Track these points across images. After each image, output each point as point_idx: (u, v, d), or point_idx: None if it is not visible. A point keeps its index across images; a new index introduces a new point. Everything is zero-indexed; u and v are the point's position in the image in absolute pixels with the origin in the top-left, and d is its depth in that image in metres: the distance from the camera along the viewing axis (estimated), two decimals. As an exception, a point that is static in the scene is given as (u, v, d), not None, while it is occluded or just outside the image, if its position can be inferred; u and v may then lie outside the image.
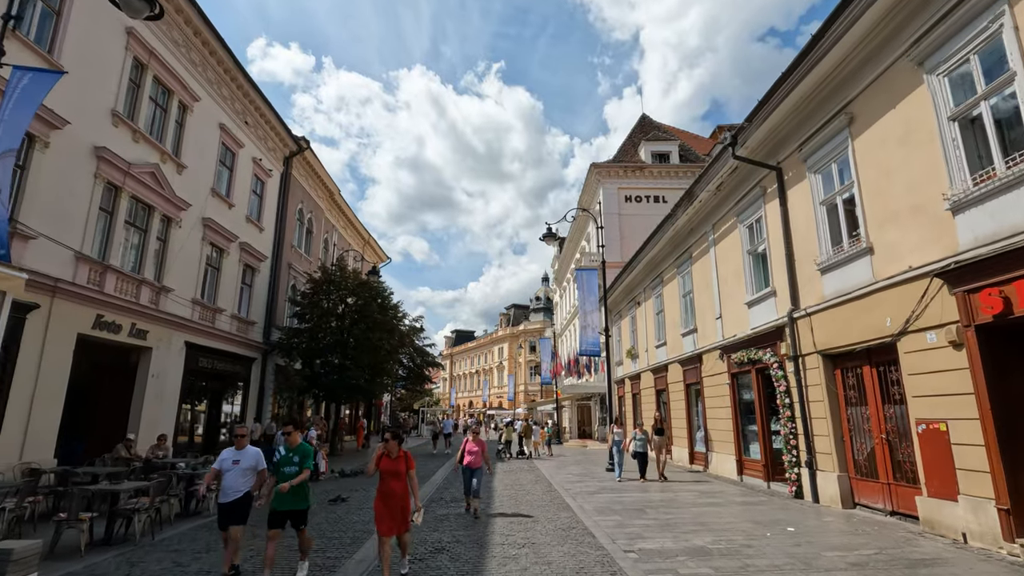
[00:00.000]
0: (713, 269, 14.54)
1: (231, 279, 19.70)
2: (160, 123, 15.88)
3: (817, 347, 9.71)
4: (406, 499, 5.69)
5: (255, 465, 6.07)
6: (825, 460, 9.53)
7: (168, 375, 15.92)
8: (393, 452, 5.75)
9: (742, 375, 12.95)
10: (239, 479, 5.95)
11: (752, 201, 12.34)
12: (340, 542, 7.48)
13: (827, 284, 9.57)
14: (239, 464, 5.99)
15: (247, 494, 5.98)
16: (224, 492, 5.94)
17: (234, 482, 5.93)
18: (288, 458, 5.92)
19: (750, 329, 12.31)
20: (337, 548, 7.14)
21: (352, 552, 6.94)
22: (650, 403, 20.80)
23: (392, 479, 5.65)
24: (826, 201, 9.78)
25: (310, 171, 27.13)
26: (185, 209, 16.60)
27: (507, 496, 11.43)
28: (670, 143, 31.62)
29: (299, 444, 6.05)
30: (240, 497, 5.93)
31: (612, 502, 10.37)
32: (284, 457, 5.94)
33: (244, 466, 5.99)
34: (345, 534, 7.98)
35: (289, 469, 5.85)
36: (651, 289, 20.74)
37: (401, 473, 5.68)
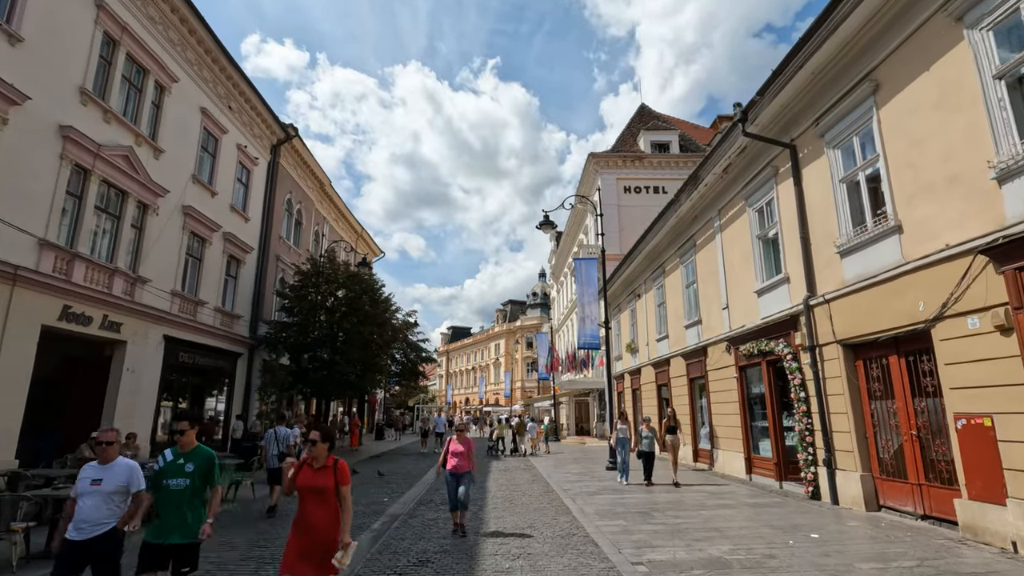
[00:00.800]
0: (719, 257, 13.80)
1: (214, 271, 18.87)
2: (135, 104, 15.01)
3: (837, 336, 8.97)
4: (332, 531, 3.86)
5: (127, 485, 4.23)
6: (846, 458, 8.80)
7: (145, 370, 15.10)
8: (319, 459, 3.95)
9: (751, 368, 12.22)
10: (102, 507, 4.10)
11: (762, 183, 11.58)
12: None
13: (848, 268, 8.82)
14: (101, 485, 4.13)
15: (113, 529, 4.14)
16: (76, 525, 4.05)
17: (94, 511, 4.08)
18: (176, 466, 4.12)
19: (760, 319, 11.57)
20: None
21: None
22: (651, 399, 20.07)
23: (313, 501, 3.87)
24: (846, 178, 9.03)
25: (299, 160, 26.26)
26: (163, 196, 15.75)
27: (501, 497, 10.68)
28: (670, 132, 30.85)
29: (195, 448, 4.27)
30: (102, 534, 4.07)
31: (614, 504, 9.63)
32: (169, 465, 4.13)
33: (109, 488, 4.14)
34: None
35: (176, 483, 4.06)
36: (652, 280, 20.00)
37: (327, 492, 3.87)
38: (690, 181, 14.40)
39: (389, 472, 15.39)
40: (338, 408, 31.11)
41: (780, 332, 10.74)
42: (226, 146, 19.62)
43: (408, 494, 11.20)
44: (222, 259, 19.37)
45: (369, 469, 15.93)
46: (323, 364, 19.77)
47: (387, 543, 7.11)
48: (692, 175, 14.14)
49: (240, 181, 20.95)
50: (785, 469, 10.85)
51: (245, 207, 21.17)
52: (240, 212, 20.62)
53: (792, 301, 10.40)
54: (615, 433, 12.80)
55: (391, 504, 10.04)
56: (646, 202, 28.19)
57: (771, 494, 10.31)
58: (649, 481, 11.76)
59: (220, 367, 19.23)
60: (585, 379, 30.32)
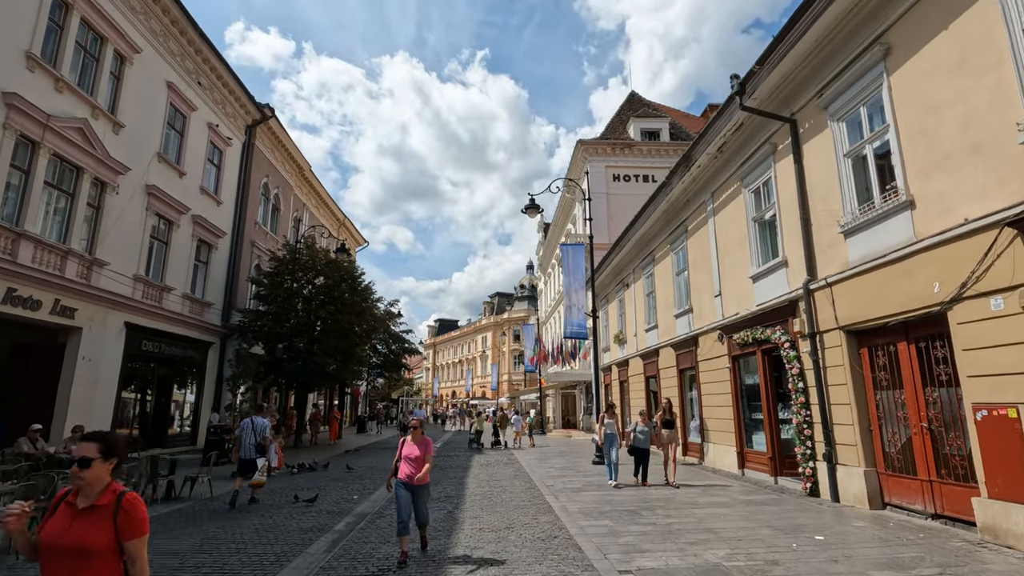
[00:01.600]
0: (712, 242, 13.16)
1: (182, 255, 17.91)
2: (91, 74, 14.02)
3: (839, 322, 8.35)
4: None
5: None
6: (848, 453, 8.21)
7: (103, 359, 14.19)
8: (88, 491, 2.22)
9: (745, 357, 11.62)
10: None
11: (759, 161, 10.93)
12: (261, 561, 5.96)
13: (853, 249, 8.20)
14: None
15: None
16: None
17: None
18: None
19: (755, 306, 10.96)
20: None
21: (273, 574, 5.42)
22: (639, 391, 19.50)
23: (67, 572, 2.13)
24: (852, 152, 8.39)
25: (276, 143, 25.24)
26: (123, 173, 14.79)
27: (480, 494, 9.99)
28: (660, 120, 30.21)
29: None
30: None
31: (600, 502, 8.98)
32: None
33: None
34: (270, 548, 6.46)
35: None
36: (641, 269, 19.36)
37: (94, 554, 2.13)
38: (682, 163, 13.73)
39: (364, 467, 14.64)
40: (318, 400, 30.25)
41: (777, 319, 10.13)
42: (195, 124, 18.61)
43: (380, 491, 10.46)
44: (191, 243, 18.41)
45: (342, 463, 15.16)
46: (298, 354, 18.90)
47: (348, 547, 6.39)
48: (685, 156, 13.47)
49: (211, 162, 19.96)
50: (781, 464, 10.27)
51: (217, 190, 20.18)
52: (211, 195, 19.64)
53: (791, 286, 9.79)
54: (602, 428, 11.39)
55: (360, 502, 9.31)
56: (635, 191, 27.52)
57: (766, 490, 9.72)
58: (643, 481, 10.57)
59: (189, 357, 18.31)
60: (572, 371, 29.73)
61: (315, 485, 11.23)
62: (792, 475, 9.88)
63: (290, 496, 9.67)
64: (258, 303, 20.95)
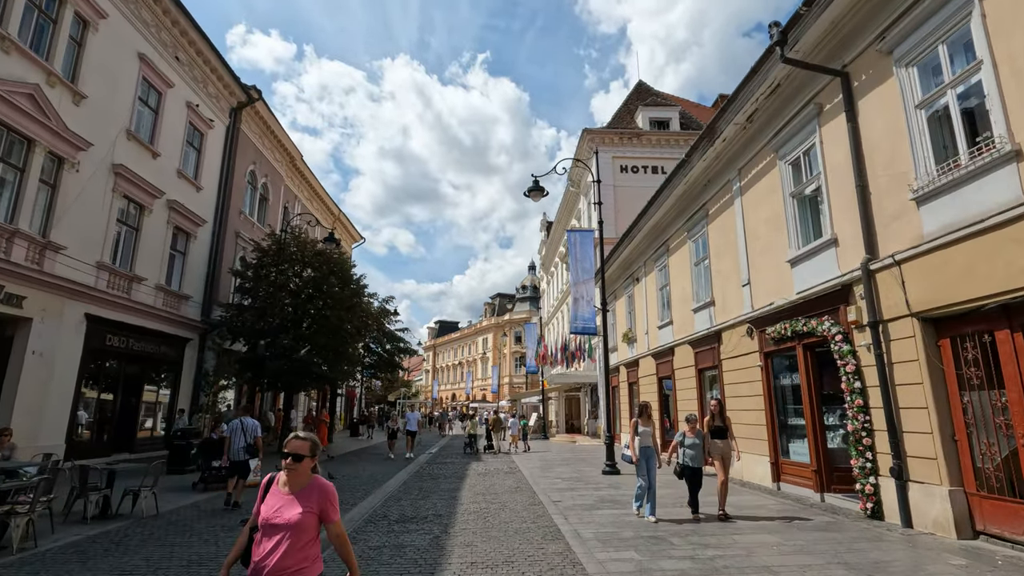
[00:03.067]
0: (739, 225, 11.69)
1: (156, 243, 16.47)
2: (47, 36, 12.61)
3: (912, 308, 6.87)
4: None
5: None
6: (924, 468, 6.71)
7: (59, 354, 12.74)
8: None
9: (781, 354, 10.13)
10: None
11: (800, 127, 9.46)
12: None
13: (929, 218, 6.73)
14: None
15: None
16: None
17: None
18: None
19: (795, 294, 9.47)
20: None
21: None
22: (650, 393, 17.99)
23: None
24: (927, 102, 6.92)
25: (265, 130, 23.83)
26: (85, 149, 13.38)
27: (475, 512, 8.50)
28: (670, 109, 28.77)
29: None
30: None
31: (619, 524, 7.49)
32: None
33: None
34: None
35: None
36: (653, 261, 17.89)
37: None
38: (704, 137, 12.27)
39: (347, 476, 13.15)
40: (310, 403, 28.77)
41: (824, 308, 8.65)
42: (172, 102, 17.20)
43: (359, 507, 8.98)
44: (166, 230, 16.98)
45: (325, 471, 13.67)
46: (282, 352, 17.42)
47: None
48: (708, 128, 12.01)
49: (191, 144, 18.55)
50: (827, 478, 8.77)
51: (197, 175, 18.75)
52: (190, 179, 18.21)
53: (842, 268, 8.31)
54: (635, 438, 8.04)
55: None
56: (644, 182, 26.11)
57: (814, 510, 8.22)
58: (695, 512, 7.87)
59: (163, 354, 16.85)
60: (575, 373, 28.21)
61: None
62: (844, 492, 8.39)
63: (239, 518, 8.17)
64: (241, 297, 19.50)
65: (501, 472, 13.93)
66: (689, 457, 7.88)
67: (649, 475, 7.86)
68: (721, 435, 8.28)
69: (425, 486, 11.41)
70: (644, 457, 7.97)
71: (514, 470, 14.33)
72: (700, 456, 7.90)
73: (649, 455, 7.98)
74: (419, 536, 6.89)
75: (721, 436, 8.27)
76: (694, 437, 7.94)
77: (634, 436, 8.08)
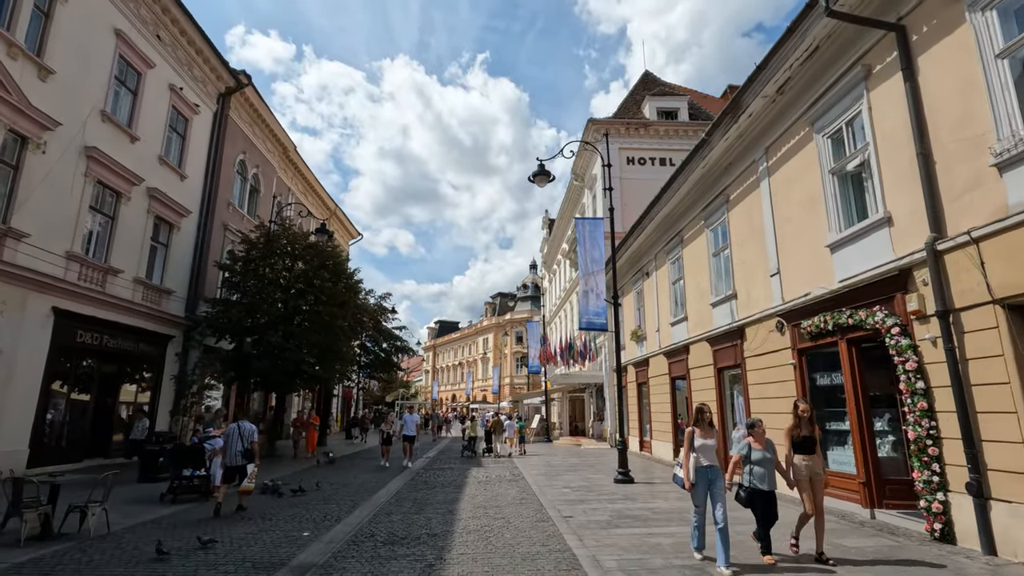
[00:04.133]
0: (766, 209, 10.62)
1: (134, 233, 15.41)
2: (8, 4, 11.57)
3: (995, 294, 5.79)
4: None
5: None
6: (1012, 484, 5.63)
7: (21, 351, 11.68)
8: None
9: (818, 351, 9.04)
10: None
11: (842, 94, 8.39)
12: None
13: (1016, 186, 5.65)
14: None
15: None
16: None
17: None
18: None
19: (838, 282, 8.39)
20: None
21: None
22: (662, 395, 16.93)
23: None
24: (1010, 51, 5.85)
25: (256, 118, 22.77)
26: (52, 129, 12.33)
27: (475, 530, 7.42)
28: (678, 99, 27.72)
29: None
30: None
31: (644, 547, 6.41)
32: None
33: None
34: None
35: None
36: (665, 254, 16.82)
37: None
38: (728, 113, 11.18)
39: (336, 484, 12.07)
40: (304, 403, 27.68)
41: (875, 297, 7.57)
42: (153, 84, 16.14)
43: (344, 523, 7.91)
44: (146, 220, 15.91)
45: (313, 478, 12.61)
46: (270, 350, 16.32)
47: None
48: (731, 103, 10.92)
49: (174, 130, 17.50)
50: (878, 492, 7.69)
51: (181, 163, 17.71)
52: (173, 167, 17.16)
53: (897, 251, 7.23)
54: (690, 457, 6.00)
55: (309, 544, 6.73)
56: (651, 175, 25.09)
57: (866, 529, 7.14)
58: (767, 552, 5.86)
59: (142, 352, 15.78)
60: (580, 373, 27.14)
61: (260, 512, 8.67)
62: (900, 508, 7.31)
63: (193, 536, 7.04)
64: (229, 291, 18.42)
65: (504, 480, 12.84)
66: (758, 477, 5.84)
67: (715, 506, 5.70)
68: (808, 448, 6.07)
69: (420, 497, 10.33)
70: (704, 480, 5.88)
71: (517, 477, 13.25)
72: (772, 474, 5.92)
73: (713, 478, 5.90)
74: (408, 564, 5.81)
75: (808, 450, 6.07)
76: (763, 450, 5.94)
77: (689, 453, 6.02)
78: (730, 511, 5.83)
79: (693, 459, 5.97)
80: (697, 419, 6.15)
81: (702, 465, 5.92)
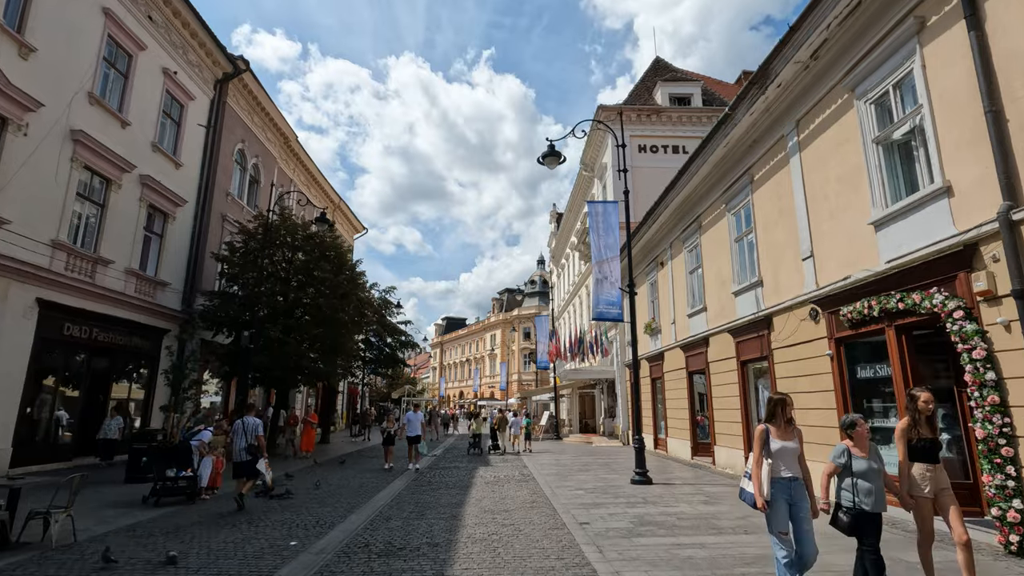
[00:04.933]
0: (797, 187, 9.76)
1: (126, 222, 14.78)
2: (-16, -24, 10.93)
3: (1088, 268, 4.95)
4: None
5: None
6: (1111, 491, 4.79)
7: (2, 344, 11.07)
8: None
9: (861, 340, 8.20)
10: None
11: (890, 53, 7.52)
12: None
13: (1116, 141, 4.79)
14: None
15: None
16: None
17: None
18: None
19: (884, 263, 7.54)
20: None
21: None
22: (679, 390, 16.10)
23: None
24: (1107, -18, 4.99)
25: (255, 107, 22.08)
26: (35, 110, 11.70)
27: (481, 539, 6.66)
28: (691, 84, 26.77)
29: None
30: None
31: (674, 559, 5.63)
32: None
33: None
34: None
35: None
36: (682, 242, 15.98)
37: None
38: (755, 83, 10.31)
39: (334, 485, 11.35)
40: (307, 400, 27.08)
41: (932, 278, 6.73)
42: (145, 67, 15.47)
43: (338, 529, 7.18)
44: (138, 209, 15.27)
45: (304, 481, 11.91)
46: (268, 344, 15.64)
47: None
48: (758, 73, 10.04)
49: (169, 116, 16.85)
50: (934, 496, 6.84)
51: (176, 150, 17.06)
52: (167, 154, 16.51)
53: (959, 224, 6.38)
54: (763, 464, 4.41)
55: (296, 555, 5.99)
56: (664, 162, 24.18)
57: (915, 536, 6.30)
58: None
59: (136, 346, 15.16)
60: (590, 368, 26.33)
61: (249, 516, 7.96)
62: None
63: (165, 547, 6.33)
64: (227, 284, 17.77)
65: (512, 480, 12.08)
66: (863, 494, 4.26)
67: (800, 535, 4.25)
68: (931, 455, 4.56)
69: (423, 499, 9.60)
70: (784, 498, 4.29)
71: (527, 477, 12.49)
72: (882, 490, 4.33)
73: (797, 496, 4.33)
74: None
75: (931, 457, 4.56)
76: (867, 458, 4.35)
77: (761, 459, 4.39)
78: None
79: (767, 468, 4.34)
80: (772, 413, 4.55)
81: (781, 477, 4.33)
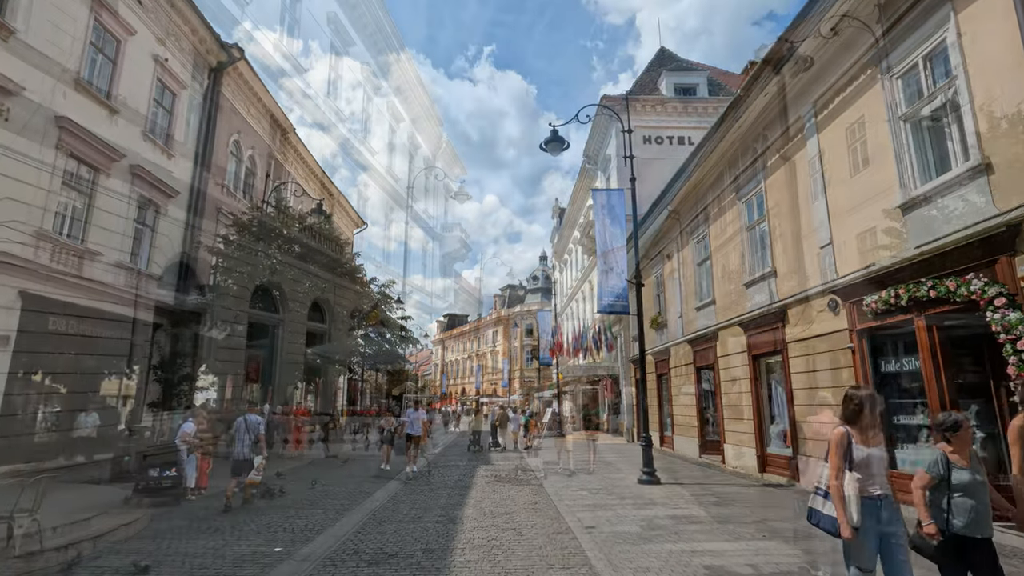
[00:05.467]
0: (816, 171, 9.24)
1: (115, 213, 14.27)
2: (-41, -49, 10.44)
3: None
4: None
5: None
6: None
7: (-18, 339, 10.59)
8: None
9: (886, 331, 7.69)
10: None
11: (921, 21, 6.99)
12: None
13: None
14: None
15: None
16: None
17: None
18: None
19: (914, 248, 7.02)
20: None
21: None
22: (686, 387, 15.60)
23: None
24: None
25: (252, 98, 21.54)
26: (15, 94, 11.16)
27: (479, 545, 6.18)
28: (697, 74, 26.19)
29: None
30: None
31: (688, 566, 5.14)
32: None
33: None
34: None
35: None
36: (688, 233, 15.46)
37: None
38: (767, 63, 9.77)
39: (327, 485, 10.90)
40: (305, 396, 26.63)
41: (969, 263, 6.21)
42: (134, 53, 14.94)
43: (327, 534, 6.71)
44: (128, 200, 14.77)
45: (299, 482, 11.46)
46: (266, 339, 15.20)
47: None
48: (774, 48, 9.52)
49: (160, 104, 16.32)
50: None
51: (168, 140, 16.50)
52: (159, 144, 15.98)
53: (1000, 204, 5.86)
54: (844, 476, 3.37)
55: (276, 564, 5.52)
56: (668, 154, 23.61)
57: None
58: None
59: (127, 341, 14.69)
60: (594, 364, 25.88)
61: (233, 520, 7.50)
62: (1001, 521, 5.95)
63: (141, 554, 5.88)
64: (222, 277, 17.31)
65: (514, 481, 11.62)
66: (962, 512, 3.31)
67: (893, 568, 3.32)
68: None
69: (419, 501, 9.13)
70: (874, 524, 3.34)
71: (529, 479, 12.02)
72: (988, 508, 3.35)
73: (890, 523, 3.38)
74: (395, 595, 4.59)
75: None
76: (969, 468, 3.39)
77: (842, 471, 3.40)
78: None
79: (853, 483, 3.32)
80: (854, 413, 3.50)
81: (870, 495, 3.34)
